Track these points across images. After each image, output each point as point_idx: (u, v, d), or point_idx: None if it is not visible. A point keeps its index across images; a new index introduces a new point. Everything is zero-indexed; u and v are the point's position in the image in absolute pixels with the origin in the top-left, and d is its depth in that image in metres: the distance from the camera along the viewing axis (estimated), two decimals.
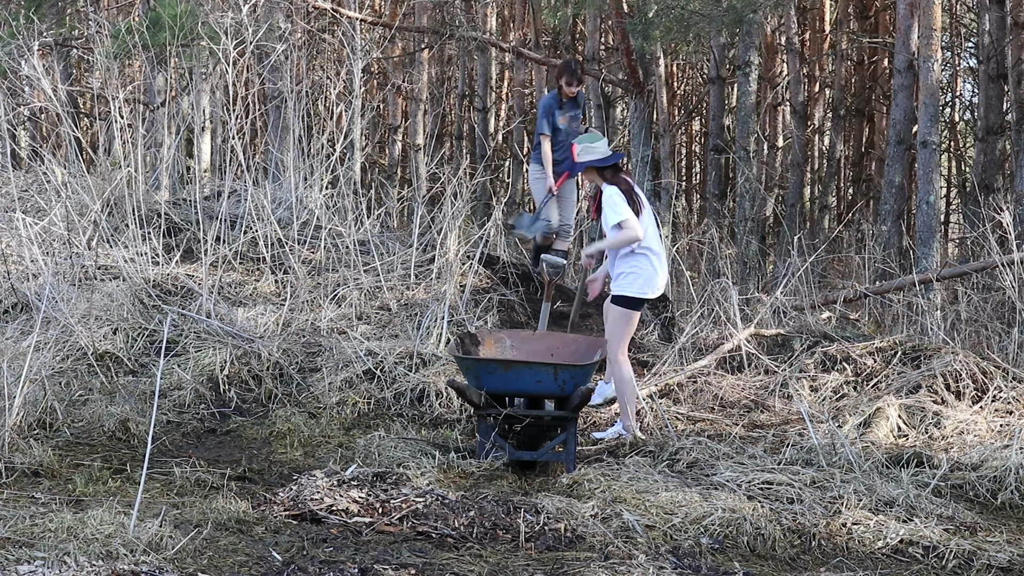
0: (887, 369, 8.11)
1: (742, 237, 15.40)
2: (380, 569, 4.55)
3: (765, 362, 8.46)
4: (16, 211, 9.55)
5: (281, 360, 7.91)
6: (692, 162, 27.10)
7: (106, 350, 7.76)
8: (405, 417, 7.54)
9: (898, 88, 13.68)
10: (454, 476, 6.10)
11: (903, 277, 10.79)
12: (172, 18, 11.33)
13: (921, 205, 12.75)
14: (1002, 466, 6.16)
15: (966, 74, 23.43)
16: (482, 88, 21.28)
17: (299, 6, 14.82)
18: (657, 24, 13.67)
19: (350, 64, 12.63)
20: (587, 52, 17.67)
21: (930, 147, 12.55)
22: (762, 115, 19.30)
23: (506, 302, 9.29)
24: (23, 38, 10.95)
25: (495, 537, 5.09)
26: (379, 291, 9.24)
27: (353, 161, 10.43)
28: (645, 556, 4.84)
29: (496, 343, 6.86)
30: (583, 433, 7.24)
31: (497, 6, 22.18)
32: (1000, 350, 9.19)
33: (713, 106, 17.33)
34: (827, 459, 6.29)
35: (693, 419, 7.60)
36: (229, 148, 10.04)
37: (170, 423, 7.07)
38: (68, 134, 10.58)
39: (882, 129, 19.46)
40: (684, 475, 6.06)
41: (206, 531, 4.90)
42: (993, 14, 15.80)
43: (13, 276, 8.67)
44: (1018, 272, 9.03)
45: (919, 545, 5.17)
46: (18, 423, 6.12)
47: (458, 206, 9.95)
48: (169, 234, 9.89)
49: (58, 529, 4.69)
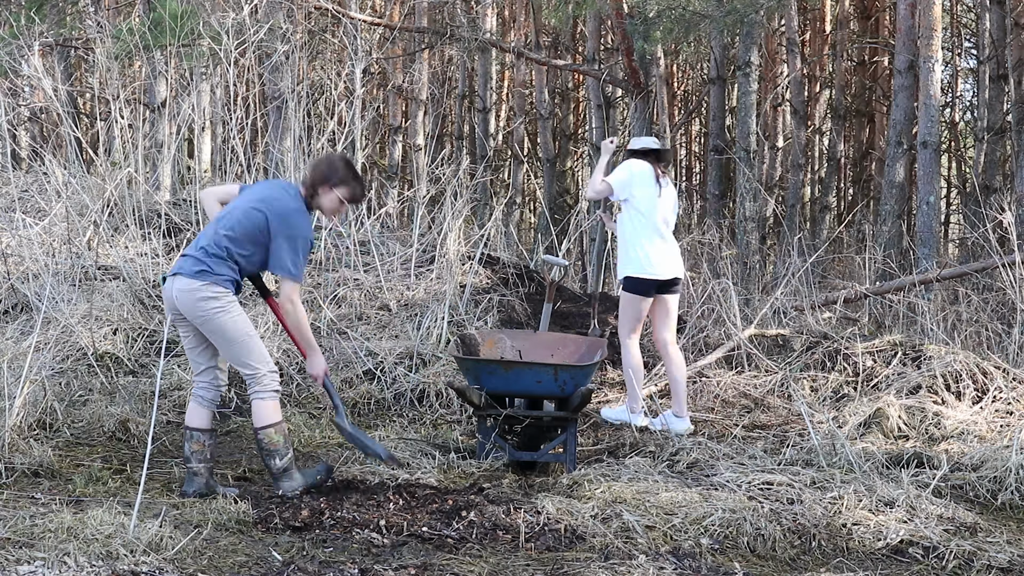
0: (887, 369, 8.11)
1: (742, 237, 15.39)
2: (380, 569, 4.55)
3: (765, 362, 8.46)
4: (16, 211, 9.55)
5: (281, 360, 7.91)
6: (692, 162, 27.10)
7: (106, 350, 7.76)
8: (405, 417, 7.54)
9: (898, 88, 13.68)
10: (454, 476, 6.10)
11: (903, 277, 10.79)
12: (172, 18, 11.33)
13: (921, 205, 12.75)
14: (1002, 466, 6.16)
15: (966, 74, 23.44)
16: (482, 88, 21.29)
17: (300, 6, 14.82)
18: (658, 24, 13.66)
19: (351, 64, 12.64)
20: (587, 52, 17.67)
21: (930, 147, 12.55)
22: (762, 115, 19.30)
23: (506, 302, 9.29)
24: (23, 38, 10.95)
25: (495, 537, 5.09)
26: (379, 291, 9.25)
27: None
28: (645, 556, 4.84)
29: (496, 343, 6.86)
30: (582, 433, 7.24)
31: (497, 6, 22.17)
32: (1000, 350, 9.19)
33: (713, 106, 17.33)
34: (827, 459, 6.29)
35: (693, 419, 7.61)
36: (229, 148, 10.04)
37: (170, 423, 7.07)
38: (68, 134, 10.58)
39: (882, 129, 19.46)
40: (684, 475, 6.06)
41: (206, 531, 4.90)
42: (993, 14, 15.81)
43: (13, 276, 8.67)
44: (1018, 272, 9.03)
45: (919, 545, 5.17)
46: (18, 423, 6.12)
47: (458, 206, 9.96)
48: (169, 234, 9.89)
49: (58, 529, 4.69)
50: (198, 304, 5.41)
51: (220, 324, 5.42)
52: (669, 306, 7.42)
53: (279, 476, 5.54)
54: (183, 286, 5.43)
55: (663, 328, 7.43)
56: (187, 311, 5.45)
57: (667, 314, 7.41)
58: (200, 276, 5.42)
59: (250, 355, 5.47)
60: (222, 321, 5.41)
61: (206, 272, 5.42)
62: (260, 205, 5.48)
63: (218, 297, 5.41)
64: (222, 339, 5.46)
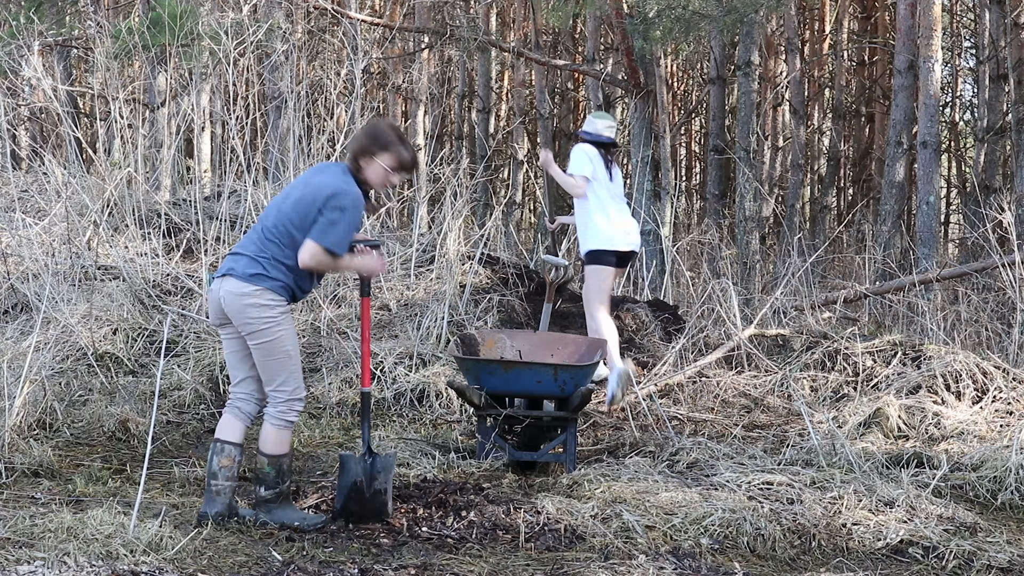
0: (887, 369, 8.11)
1: (742, 237, 15.40)
2: (380, 569, 4.55)
3: (765, 362, 8.46)
4: (16, 211, 9.55)
5: None
6: (692, 162, 27.10)
7: (106, 350, 7.76)
8: (405, 417, 7.54)
9: (898, 88, 13.69)
10: (454, 476, 6.10)
11: (903, 277, 10.80)
12: (172, 18, 11.33)
13: (921, 205, 12.75)
14: (1002, 466, 6.16)
15: (966, 74, 23.44)
16: (482, 88, 21.29)
17: (299, 6, 14.82)
18: (657, 24, 13.66)
19: (350, 64, 12.63)
20: (587, 52, 17.67)
21: (930, 147, 12.55)
22: (762, 115, 19.30)
23: (506, 302, 9.29)
24: (23, 38, 10.95)
25: (495, 537, 5.09)
26: (379, 291, 9.25)
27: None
28: (645, 556, 4.84)
29: (496, 343, 6.86)
30: (582, 433, 7.24)
31: (497, 6, 22.17)
32: (1000, 350, 9.19)
33: (713, 106, 17.33)
34: (827, 459, 6.29)
35: (693, 419, 7.61)
36: (229, 148, 10.04)
37: (170, 423, 7.07)
38: (68, 134, 10.58)
39: (882, 129, 19.46)
40: (684, 475, 6.06)
41: (206, 531, 4.90)
42: (993, 14, 15.80)
43: (13, 276, 8.67)
44: (1018, 272, 9.03)
45: (919, 545, 5.17)
46: (18, 423, 6.13)
47: (458, 206, 9.96)
48: (169, 234, 9.89)
49: (58, 529, 4.69)
50: (247, 311, 4.97)
51: (266, 336, 5.00)
52: (616, 280, 7.91)
53: (259, 503, 5.15)
54: (233, 288, 4.98)
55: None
56: (234, 316, 5.01)
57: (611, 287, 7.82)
58: (254, 280, 4.97)
59: (283, 376, 5.06)
60: (269, 333, 5.00)
61: (261, 276, 4.98)
62: (304, 190, 5.05)
63: (271, 306, 4.98)
64: (262, 350, 5.03)
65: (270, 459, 5.11)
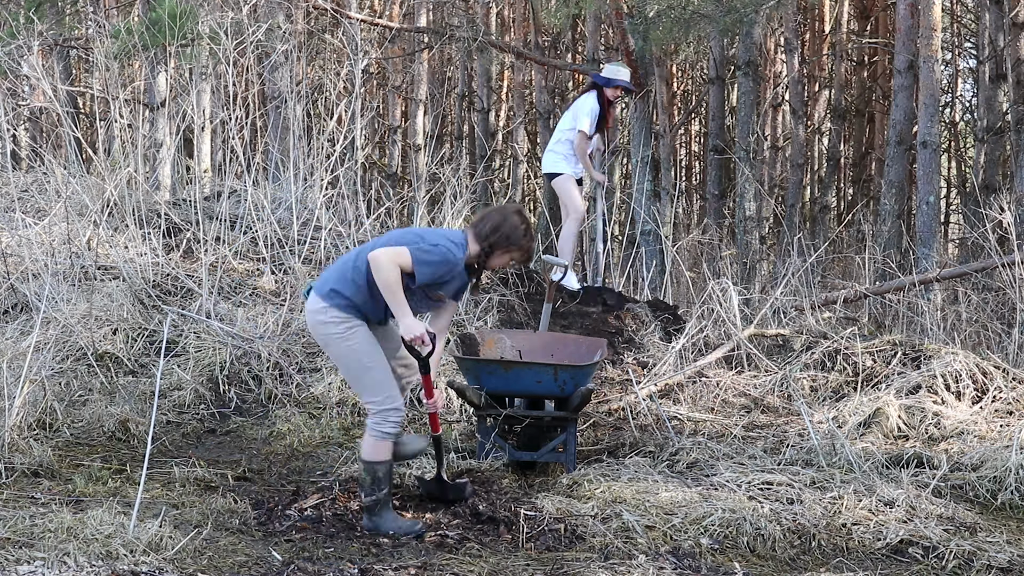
0: (887, 369, 8.11)
1: (742, 237, 15.40)
2: (380, 569, 4.55)
3: (765, 362, 8.46)
4: (16, 211, 9.54)
5: (281, 360, 7.90)
6: (692, 162, 27.11)
7: (106, 350, 7.76)
8: (405, 417, 7.53)
9: (898, 88, 13.68)
10: (454, 476, 6.10)
11: (903, 277, 10.79)
12: (171, 18, 11.32)
13: (921, 205, 12.75)
14: (1002, 466, 6.16)
15: (966, 74, 23.44)
16: (482, 88, 21.29)
17: (299, 6, 14.82)
18: (657, 24, 13.66)
19: (350, 64, 12.63)
20: (587, 52, 17.67)
21: (930, 147, 12.55)
22: (762, 115, 19.30)
23: (506, 302, 9.28)
24: (23, 38, 10.94)
25: (495, 537, 5.09)
26: None
27: (353, 161, 10.41)
28: (645, 556, 4.84)
29: (496, 343, 6.86)
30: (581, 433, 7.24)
31: (497, 6, 22.18)
32: (1000, 350, 9.19)
33: (713, 106, 17.33)
34: (827, 459, 6.29)
35: (693, 419, 7.60)
36: (229, 148, 10.04)
37: (170, 423, 7.07)
38: (68, 134, 10.57)
39: (882, 129, 19.46)
40: (684, 475, 6.06)
41: (206, 531, 4.90)
42: (993, 14, 15.80)
43: (13, 276, 8.67)
44: (1018, 272, 9.03)
45: (919, 545, 5.17)
46: (18, 423, 6.12)
47: (458, 206, 9.95)
48: (169, 234, 9.89)
49: (58, 529, 4.69)
50: (318, 327, 5.13)
51: (338, 351, 5.13)
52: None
53: (364, 509, 5.26)
54: (311, 305, 5.15)
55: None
56: (312, 332, 5.21)
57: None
58: (327, 298, 5.09)
59: (365, 386, 5.19)
60: (341, 349, 5.11)
61: (334, 294, 5.09)
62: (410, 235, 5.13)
63: (337, 323, 5.08)
64: (341, 366, 5.26)
65: (365, 465, 5.25)
